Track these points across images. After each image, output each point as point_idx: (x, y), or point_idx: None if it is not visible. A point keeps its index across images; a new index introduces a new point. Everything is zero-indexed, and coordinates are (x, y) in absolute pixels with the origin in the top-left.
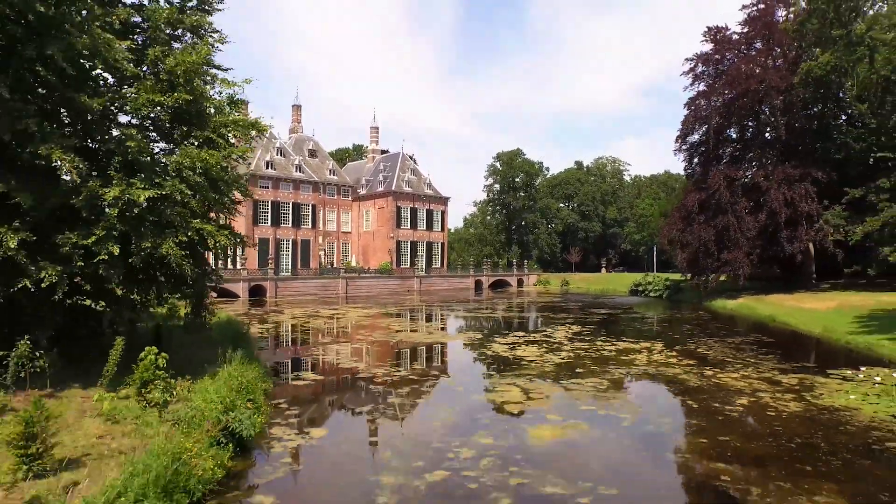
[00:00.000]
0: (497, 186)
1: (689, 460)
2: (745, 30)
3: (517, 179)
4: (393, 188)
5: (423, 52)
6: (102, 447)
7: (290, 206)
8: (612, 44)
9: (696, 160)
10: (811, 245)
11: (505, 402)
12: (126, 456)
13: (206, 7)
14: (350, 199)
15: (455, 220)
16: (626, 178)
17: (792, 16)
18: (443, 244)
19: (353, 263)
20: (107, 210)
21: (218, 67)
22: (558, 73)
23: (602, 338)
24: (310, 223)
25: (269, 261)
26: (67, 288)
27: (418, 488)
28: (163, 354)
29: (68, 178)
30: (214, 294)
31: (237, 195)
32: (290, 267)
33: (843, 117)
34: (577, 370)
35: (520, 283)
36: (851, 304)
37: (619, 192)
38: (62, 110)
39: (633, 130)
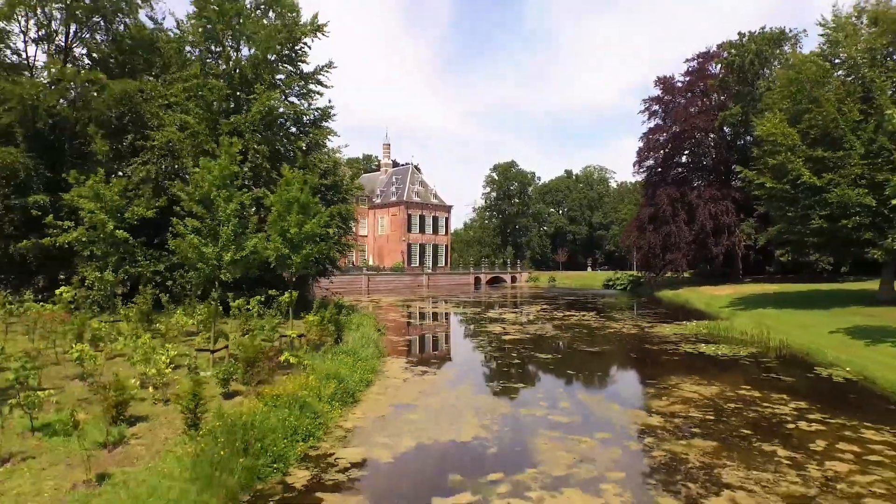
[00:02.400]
0: (494, 194)
1: (562, 342)
2: (688, 79)
3: (512, 188)
4: (404, 198)
5: (421, 51)
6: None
7: None
8: (610, 42)
9: (649, 180)
10: (738, 248)
11: (491, 331)
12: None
13: (330, 115)
14: (366, 206)
15: (455, 222)
16: (612, 184)
17: (720, 72)
18: (447, 246)
19: (371, 263)
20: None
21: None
22: (556, 71)
23: (559, 311)
24: None
25: None
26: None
27: (448, 345)
28: (345, 300)
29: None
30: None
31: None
32: None
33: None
34: (534, 321)
35: (513, 279)
36: (743, 292)
37: (605, 198)
38: None
39: (632, 129)
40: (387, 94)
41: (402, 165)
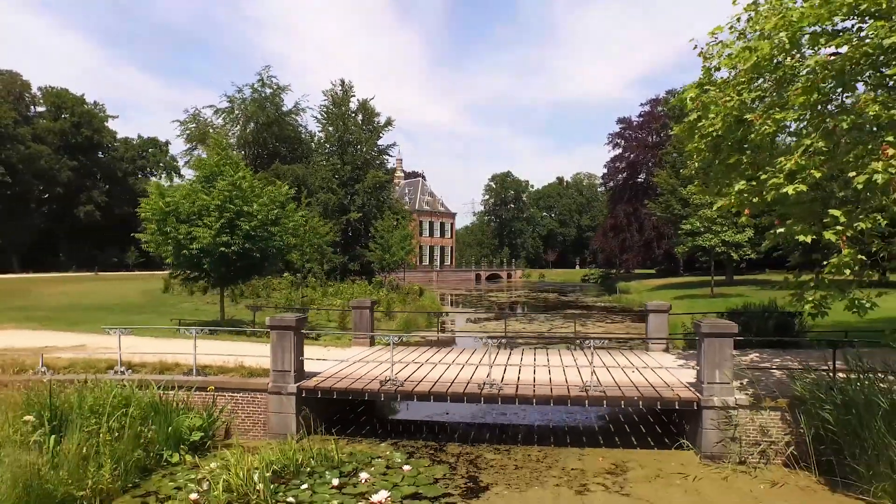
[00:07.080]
0: (492, 201)
1: (527, 302)
2: (641, 119)
3: (507, 195)
4: (416, 207)
5: (414, 43)
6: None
7: None
8: (608, 34)
9: (612, 198)
10: (675, 251)
11: (488, 298)
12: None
13: (394, 175)
14: None
15: (455, 223)
16: (601, 189)
17: (663, 115)
18: (452, 247)
19: None
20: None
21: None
22: (554, 63)
23: (534, 293)
24: None
25: None
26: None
27: (468, 303)
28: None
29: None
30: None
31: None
32: None
33: None
34: (518, 297)
35: (509, 276)
36: (666, 282)
37: (592, 202)
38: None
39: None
40: (380, 88)
41: (413, 178)
